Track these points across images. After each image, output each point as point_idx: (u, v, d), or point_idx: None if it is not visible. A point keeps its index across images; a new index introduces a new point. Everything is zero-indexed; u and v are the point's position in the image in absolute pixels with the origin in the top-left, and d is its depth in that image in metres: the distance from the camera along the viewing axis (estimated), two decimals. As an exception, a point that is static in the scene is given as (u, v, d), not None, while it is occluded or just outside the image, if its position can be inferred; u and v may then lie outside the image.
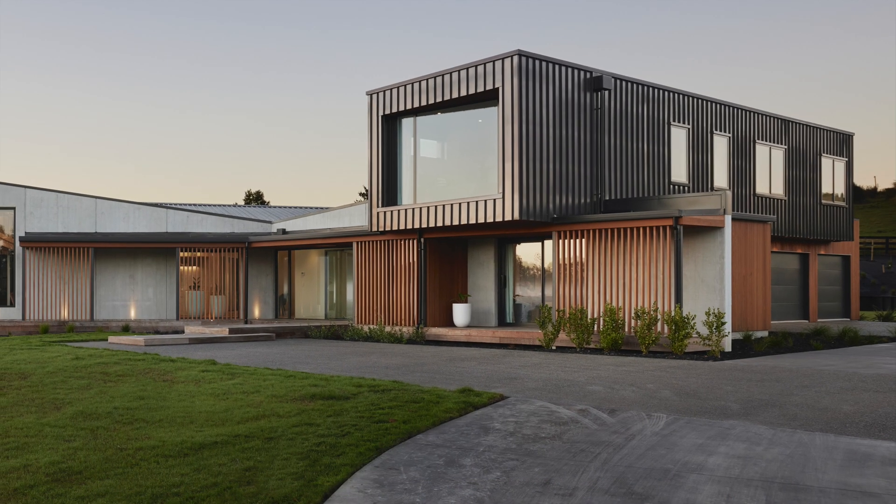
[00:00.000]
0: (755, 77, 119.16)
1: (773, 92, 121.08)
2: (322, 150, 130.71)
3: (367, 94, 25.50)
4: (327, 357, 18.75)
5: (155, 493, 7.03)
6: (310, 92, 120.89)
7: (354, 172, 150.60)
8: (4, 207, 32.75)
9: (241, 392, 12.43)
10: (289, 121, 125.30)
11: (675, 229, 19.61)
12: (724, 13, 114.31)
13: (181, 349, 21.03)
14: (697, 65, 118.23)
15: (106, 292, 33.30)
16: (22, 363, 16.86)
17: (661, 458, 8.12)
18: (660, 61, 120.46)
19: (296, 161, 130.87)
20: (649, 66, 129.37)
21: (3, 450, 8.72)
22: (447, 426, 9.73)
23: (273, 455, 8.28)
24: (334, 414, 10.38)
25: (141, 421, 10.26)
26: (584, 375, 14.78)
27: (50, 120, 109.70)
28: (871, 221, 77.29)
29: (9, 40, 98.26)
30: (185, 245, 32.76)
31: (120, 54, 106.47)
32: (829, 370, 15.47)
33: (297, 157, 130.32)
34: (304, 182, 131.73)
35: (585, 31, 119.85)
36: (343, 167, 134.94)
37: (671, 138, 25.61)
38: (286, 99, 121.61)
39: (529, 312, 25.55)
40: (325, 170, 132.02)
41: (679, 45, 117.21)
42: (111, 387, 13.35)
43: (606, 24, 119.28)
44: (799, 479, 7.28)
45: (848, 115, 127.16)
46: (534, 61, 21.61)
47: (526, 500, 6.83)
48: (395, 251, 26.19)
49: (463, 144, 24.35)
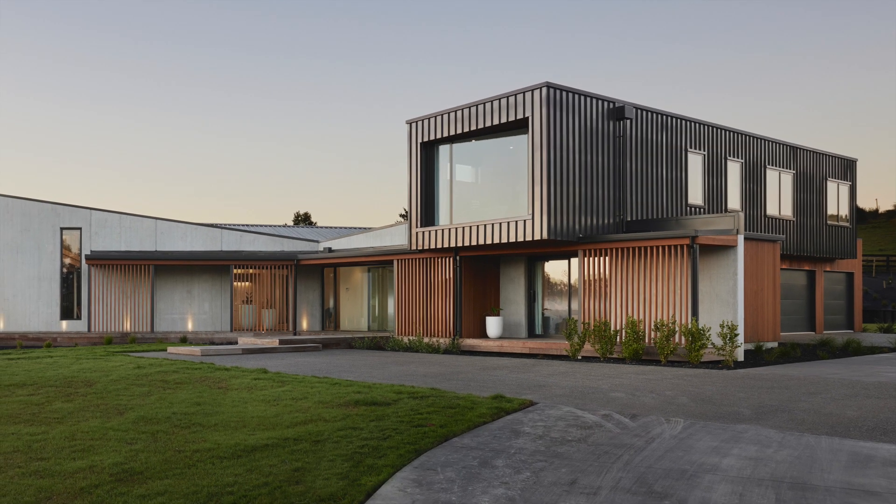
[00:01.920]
0: (766, 107, 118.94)
1: (782, 120, 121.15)
2: (365, 174, 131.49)
3: (406, 123, 25.59)
4: (370, 366, 18.74)
5: (210, 491, 7.06)
6: (354, 120, 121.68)
7: (395, 195, 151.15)
8: (72, 228, 33.14)
9: (291, 398, 12.44)
10: (335, 147, 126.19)
11: (692, 248, 19.57)
12: (738, 48, 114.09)
13: (235, 359, 21.11)
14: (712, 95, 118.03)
15: (165, 306, 33.57)
16: (88, 372, 16.95)
17: (678, 460, 8.09)
18: (677, 92, 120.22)
19: (341, 184, 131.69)
20: (668, 97, 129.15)
21: (71, 452, 8.77)
22: (481, 430, 9.70)
23: (320, 457, 8.28)
24: (376, 419, 10.37)
25: (197, 425, 10.29)
26: (607, 383, 14.70)
27: (114, 147, 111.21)
28: (873, 241, 77.71)
29: (77, 74, 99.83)
30: (239, 262, 32.99)
31: (179, 86, 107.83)
32: (834, 378, 15.38)
33: (342, 180, 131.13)
34: (348, 204, 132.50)
35: (609, 64, 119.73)
36: (384, 190, 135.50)
37: (688, 164, 25.51)
38: (332, 127, 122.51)
39: (557, 325, 25.44)
40: (367, 192, 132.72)
41: (695, 77, 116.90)
42: (170, 393, 13.40)
43: (628, 57, 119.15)
44: (806, 479, 7.27)
45: (851, 142, 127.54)
46: (561, 92, 21.61)
47: (554, 498, 6.81)
48: (433, 268, 26.22)
49: (495, 169, 24.35)
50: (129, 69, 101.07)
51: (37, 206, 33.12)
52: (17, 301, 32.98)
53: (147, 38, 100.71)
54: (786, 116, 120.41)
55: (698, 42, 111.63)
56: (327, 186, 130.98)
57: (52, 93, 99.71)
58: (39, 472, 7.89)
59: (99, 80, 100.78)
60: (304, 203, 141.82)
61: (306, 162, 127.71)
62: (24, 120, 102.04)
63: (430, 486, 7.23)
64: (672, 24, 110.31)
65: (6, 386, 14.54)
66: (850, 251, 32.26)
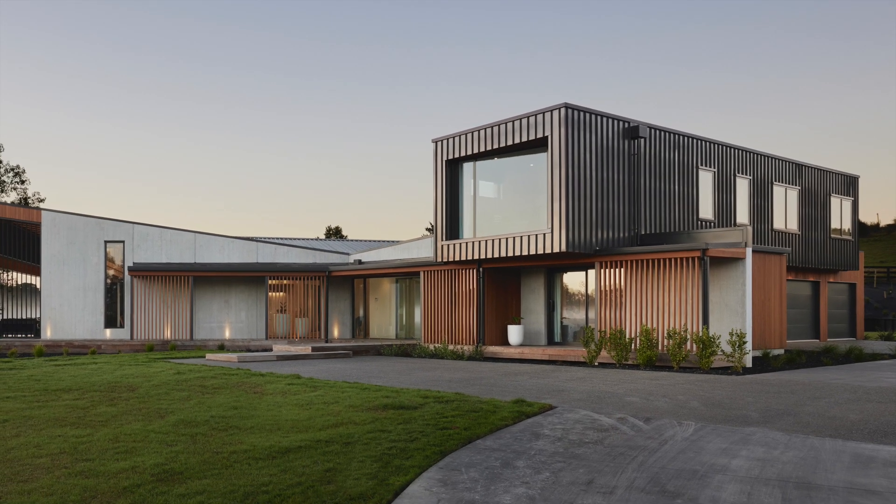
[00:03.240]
0: (772, 126, 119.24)
1: (788, 139, 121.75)
2: (393, 189, 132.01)
3: (432, 142, 25.68)
4: (398, 372, 18.76)
5: (246, 491, 7.08)
6: (382, 139, 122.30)
7: (421, 209, 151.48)
8: (115, 241, 33.42)
9: (322, 402, 12.47)
10: (364, 164, 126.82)
11: (703, 260, 19.59)
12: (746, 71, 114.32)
13: (269, 365, 21.21)
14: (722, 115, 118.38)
15: (204, 315, 33.77)
16: (130, 377, 17.07)
17: (690, 461, 8.08)
18: (689, 112, 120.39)
19: (370, 199, 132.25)
20: (679, 117, 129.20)
21: (114, 453, 8.81)
22: (503, 432, 9.70)
23: (350, 458, 8.29)
24: (404, 422, 10.38)
25: (234, 428, 10.32)
26: (622, 388, 14.67)
27: (156, 164, 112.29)
28: (875, 253, 78.27)
29: (121, 96, 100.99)
30: (273, 274, 33.13)
31: (217, 107, 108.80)
32: (837, 383, 15.38)
33: (371, 195, 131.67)
34: (377, 218, 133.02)
35: (624, 85, 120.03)
36: (411, 205, 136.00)
37: (699, 180, 25.50)
38: (361, 145, 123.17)
39: (575, 333, 25.41)
40: (395, 207, 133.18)
41: (706, 99, 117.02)
42: (208, 398, 13.46)
43: (643, 79, 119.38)
44: (811, 479, 7.27)
45: (853, 159, 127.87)
46: (579, 112, 21.64)
47: (572, 497, 6.81)
48: (457, 279, 26.25)
49: (516, 185, 24.38)
50: (171, 91, 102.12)
51: (82, 220, 33.44)
52: (64, 310, 33.29)
53: (187, 62, 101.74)
54: (792, 135, 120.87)
55: (709, 65, 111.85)
56: (357, 201, 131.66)
57: (98, 114, 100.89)
58: (84, 472, 7.94)
59: (141, 101, 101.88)
60: (336, 217, 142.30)
61: (338, 178, 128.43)
62: (70, 139, 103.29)
63: (455, 485, 7.24)
64: (684, 48, 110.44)
65: (53, 391, 14.66)
66: (852, 263, 32.26)
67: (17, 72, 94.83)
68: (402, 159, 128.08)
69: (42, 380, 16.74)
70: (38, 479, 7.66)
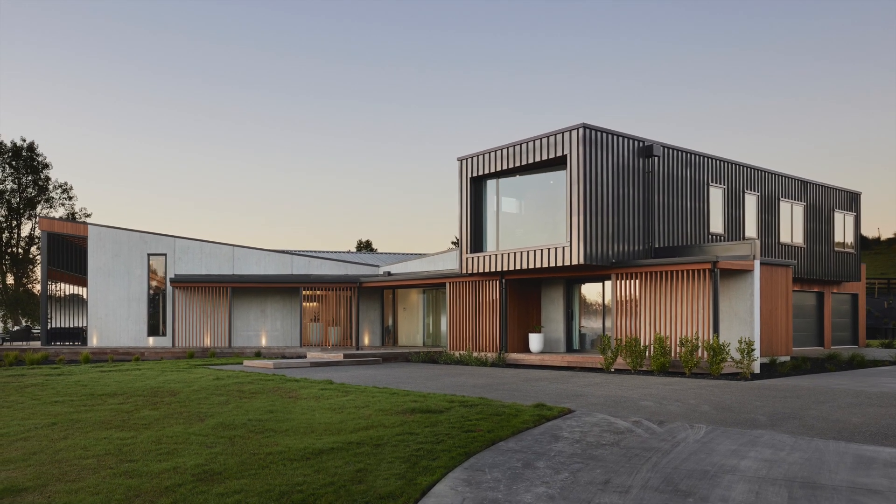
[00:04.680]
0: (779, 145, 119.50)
1: (794, 157, 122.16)
2: (420, 204, 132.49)
3: (457, 160, 25.77)
4: (425, 378, 18.76)
5: (282, 490, 7.09)
6: (410, 157, 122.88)
7: (446, 224, 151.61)
8: (158, 254, 33.75)
9: (354, 406, 12.47)
10: (393, 181, 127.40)
11: (713, 272, 19.66)
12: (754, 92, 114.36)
13: (303, 371, 21.23)
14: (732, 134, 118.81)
15: (241, 324, 33.99)
16: (172, 383, 17.17)
17: (701, 462, 8.07)
18: (700, 132, 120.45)
19: (398, 214, 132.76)
20: (691, 136, 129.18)
21: (157, 454, 8.84)
22: (524, 435, 9.70)
23: (380, 459, 8.30)
24: (431, 425, 10.38)
25: (270, 430, 10.33)
26: (637, 393, 14.63)
27: (196, 181, 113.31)
28: (876, 265, 78.41)
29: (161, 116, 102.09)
30: (307, 285, 33.31)
31: (254, 127, 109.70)
32: (840, 389, 15.37)
33: (399, 210, 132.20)
34: (405, 232, 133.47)
35: (639, 106, 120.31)
36: (437, 219, 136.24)
37: (710, 196, 25.45)
38: (391, 163, 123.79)
39: (592, 341, 25.34)
40: (422, 221, 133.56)
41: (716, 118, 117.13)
42: (245, 402, 13.48)
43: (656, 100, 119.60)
44: (816, 479, 7.27)
45: (856, 176, 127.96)
46: (596, 132, 21.67)
47: (589, 496, 6.80)
48: (481, 290, 26.27)
49: (537, 201, 24.40)
50: (211, 112, 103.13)
51: (126, 234, 33.81)
52: (109, 319, 33.64)
53: (227, 85, 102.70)
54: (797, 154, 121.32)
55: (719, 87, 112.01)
56: (387, 216, 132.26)
57: (141, 133, 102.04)
58: (128, 472, 7.97)
59: (183, 122, 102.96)
60: (366, 231, 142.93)
61: (368, 194, 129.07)
62: (115, 157, 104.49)
63: (479, 485, 7.25)
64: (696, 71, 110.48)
65: (99, 395, 14.80)
66: (854, 275, 32.20)
67: (64, 94, 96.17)
68: (428, 176, 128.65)
69: (88, 385, 16.91)
70: (85, 479, 7.70)
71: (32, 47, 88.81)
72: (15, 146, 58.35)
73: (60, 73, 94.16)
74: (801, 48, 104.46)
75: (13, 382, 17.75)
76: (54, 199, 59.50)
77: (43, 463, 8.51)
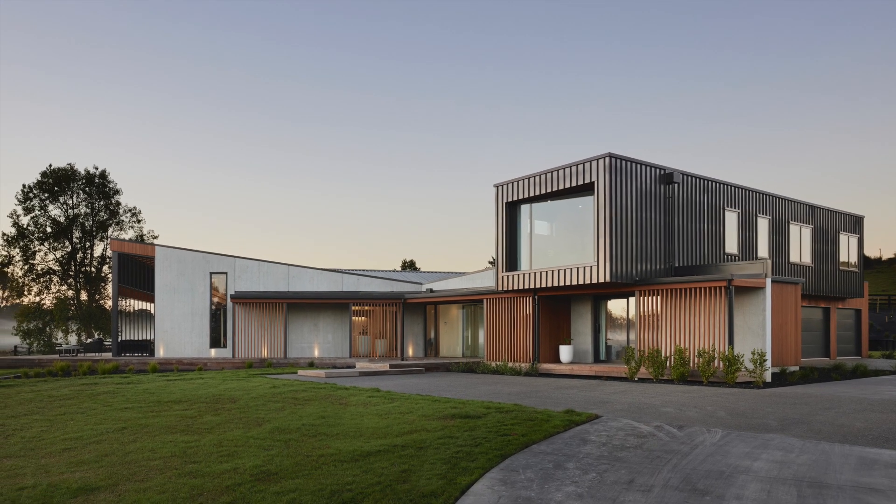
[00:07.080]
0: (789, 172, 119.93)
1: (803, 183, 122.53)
2: (459, 227, 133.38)
3: (494, 186, 25.91)
4: (464, 386, 18.76)
5: (333, 489, 7.16)
6: (451, 184, 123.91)
7: (483, 244, 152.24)
8: (219, 272, 34.12)
9: (399, 412, 12.52)
10: (435, 205, 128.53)
11: (728, 289, 19.76)
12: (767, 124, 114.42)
13: (353, 380, 21.30)
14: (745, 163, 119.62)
15: (295, 336, 34.22)
16: (232, 390, 17.32)
17: (717, 463, 8.08)
18: (716, 160, 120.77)
19: (440, 235, 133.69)
20: (708, 164, 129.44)
21: (218, 456, 8.97)
22: (555, 438, 9.71)
23: (423, 460, 8.36)
24: (469, 429, 10.40)
25: (322, 434, 10.41)
26: (659, 400, 14.57)
27: (254, 205, 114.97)
28: (877, 283, 78.44)
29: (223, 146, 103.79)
30: (356, 301, 33.49)
31: (308, 156, 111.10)
32: (845, 396, 15.36)
33: (441, 232, 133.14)
34: (446, 251, 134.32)
35: (660, 137, 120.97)
36: (475, 240, 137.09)
37: (725, 220, 25.38)
38: (433, 189, 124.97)
39: (617, 352, 25.21)
40: (461, 242, 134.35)
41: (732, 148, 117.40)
42: (299, 408, 13.56)
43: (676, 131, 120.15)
44: (822, 479, 7.28)
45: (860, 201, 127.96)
46: (621, 161, 21.72)
47: (615, 494, 6.83)
48: (516, 305, 26.27)
49: (567, 224, 24.42)
50: (269, 142, 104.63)
51: (190, 254, 34.25)
52: (174, 333, 34.07)
53: (284, 117, 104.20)
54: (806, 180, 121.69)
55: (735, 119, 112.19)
56: (429, 238, 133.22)
57: (205, 161, 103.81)
58: (192, 472, 8.10)
59: (243, 151, 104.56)
60: (410, 251, 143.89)
61: (412, 217, 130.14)
62: (180, 183, 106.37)
63: (514, 484, 7.29)
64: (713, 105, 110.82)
65: (165, 402, 14.97)
66: (858, 292, 31.91)
67: (134, 126, 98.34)
68: (467, 202, 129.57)
69: (155, 393, 17.11)
70: (152, 479, 7.84)
71: (104, 83, 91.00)
72: (88, 174, 59.55)
73: (130, 106, 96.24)
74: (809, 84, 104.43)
75: (87, 390, 17.99)
76: (124, 222, 60.59)
77: (114, 464, 8.66)
